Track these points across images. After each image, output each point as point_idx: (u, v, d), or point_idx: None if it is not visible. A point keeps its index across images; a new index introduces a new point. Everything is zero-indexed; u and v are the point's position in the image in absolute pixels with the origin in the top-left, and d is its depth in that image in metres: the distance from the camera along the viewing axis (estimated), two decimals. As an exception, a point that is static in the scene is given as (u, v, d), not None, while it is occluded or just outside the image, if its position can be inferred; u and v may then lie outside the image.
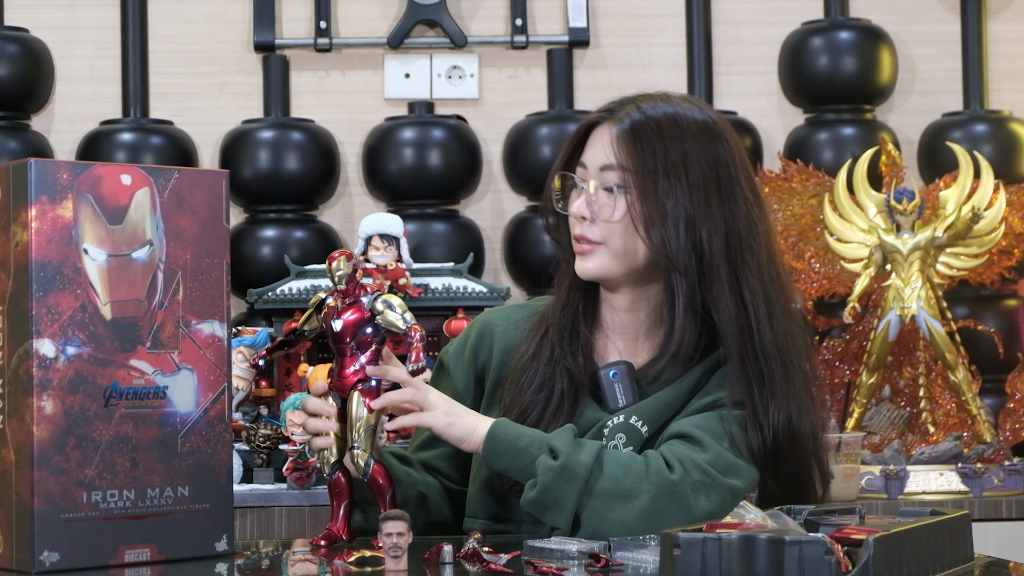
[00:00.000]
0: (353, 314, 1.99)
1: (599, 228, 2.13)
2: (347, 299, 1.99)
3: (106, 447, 1.83)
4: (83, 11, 3.97)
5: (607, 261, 2.14)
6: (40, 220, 1.80)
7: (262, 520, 3.11)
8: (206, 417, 1.90)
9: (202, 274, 1.91)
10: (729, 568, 1.54)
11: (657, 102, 2.14)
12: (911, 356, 3.54)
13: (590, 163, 2.15)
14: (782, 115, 4.01)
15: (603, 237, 2.13)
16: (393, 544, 1.74)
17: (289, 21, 4.00)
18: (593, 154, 2.15)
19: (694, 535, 1.56)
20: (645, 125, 2.11)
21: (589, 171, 2.15)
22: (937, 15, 4.03)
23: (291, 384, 3.38)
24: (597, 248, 2.14)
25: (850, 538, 1.58)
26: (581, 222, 2.14)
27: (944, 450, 3.35)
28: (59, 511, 1.80)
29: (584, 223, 2.14)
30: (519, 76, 4.02)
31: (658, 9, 4.03)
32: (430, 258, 3.74)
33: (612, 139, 2.12)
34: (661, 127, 2.11)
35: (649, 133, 2.10)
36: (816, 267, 3.60)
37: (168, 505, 1.87)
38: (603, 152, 2.13)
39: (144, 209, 1.87)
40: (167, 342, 1.88)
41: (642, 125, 2.11)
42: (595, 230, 2.13)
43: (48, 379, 1.79)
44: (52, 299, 1.80)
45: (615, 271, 2.14)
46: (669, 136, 2.11)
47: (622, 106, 2.15)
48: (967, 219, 3.40)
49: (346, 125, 3.96)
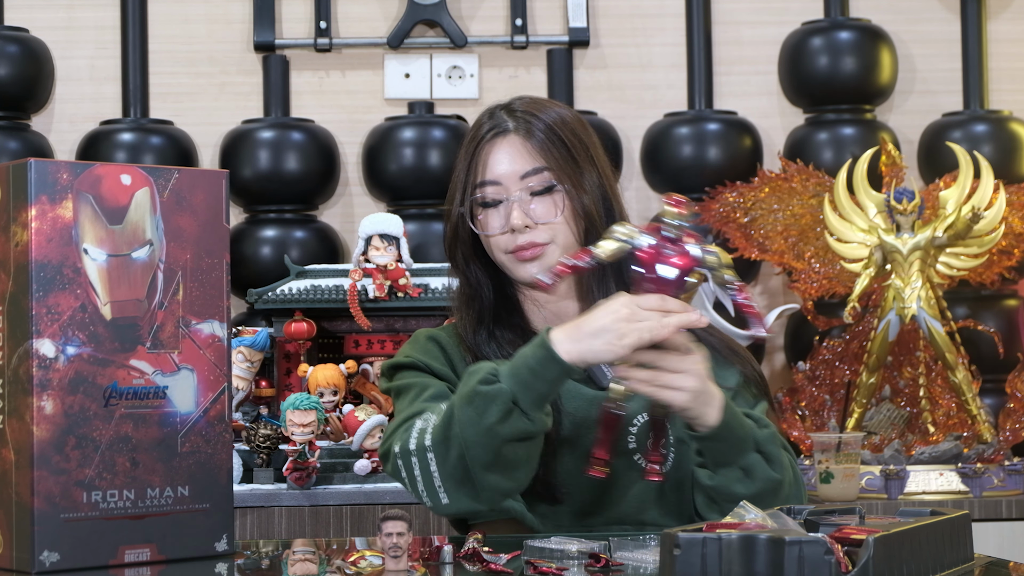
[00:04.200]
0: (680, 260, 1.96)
1: (543, 231, 2.19)
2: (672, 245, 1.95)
3: (106, 447, 1.83)
4: (83, 11, 3.97)
5: (556, 256, 2.18)
6: (40, 220, 1.80)
7: (262, 520, 3.11)
8: (206, 417, 1.90)
9: (202, 274, 1.91)
10: (729, 568, 1.54)
11: (531, 104, 2.25)
12: (911, 356, 3.54)
13: (505, 177, 2.20)
14: (782, 115, 4.01)
15: (550, 237, 2.20)
16: (393, 544, 1.74)
17: (289, 21, 4.00)
18: (507, 167, 2.20)
19: (694, 535, 1.56)
20: (550, 127, 2.21)
21: (506, 185, 2.20)
22: (937, 15, 4.03)
23: (291, 384, 3.38)
24: (545, 249, 2.19)
25: (850, 538, 1.58)
26: (522, 232, 2.18)
27: (944, 450, 3.35)
28: (59, 511, 1.80)
29: (526, 232, 2.18)
30: (519, 76, 4.02)
31: (658, 9, 4.03)
32: (430, 258, 3.74)
33: (527, 147, 2.20)
34: (562, 124, 2.22)
35: (557, 132, 2.21)
36: (816, 267, 3.60)
37: (168, 505, 1.87)
38: (519, 162, 2.20)
39: (144, 209, 1.87)
40: (167, 342, 1.88)
41: (548, 127, 2.21)
42: (540, 234, 2.19)
43: (48, 379, 1.79)
44: (52, 299, 1.80)
45: None
46: (569, 130, 2.22)
47: (507, 119, 2.22)
48: (967, 219, 3.40)
49: (346, 125, 3.96)
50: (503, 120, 2.23)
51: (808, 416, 3.54)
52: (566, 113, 2.25)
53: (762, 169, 3.76)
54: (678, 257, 1.97)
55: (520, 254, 2.19)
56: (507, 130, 2.21)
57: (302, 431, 3.14)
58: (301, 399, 3.15)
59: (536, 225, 2.19)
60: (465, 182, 2.23)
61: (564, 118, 2.24)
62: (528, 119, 2.22)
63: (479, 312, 2.24)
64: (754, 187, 3.68)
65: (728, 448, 2.04)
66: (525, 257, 2.19)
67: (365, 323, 3.30)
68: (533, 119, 2.22)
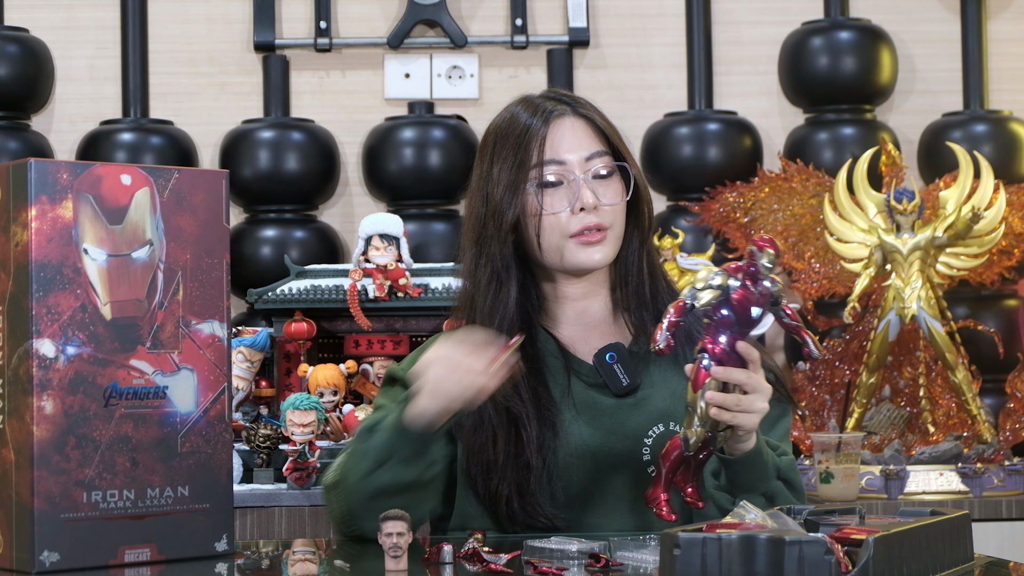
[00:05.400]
0: (761, 297, 1.94)
1: (607, 214, 2.19)
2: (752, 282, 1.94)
3: (106, 447, 1.83)
4: (83, 11, 3.97)
5: (615, 244, 2.21)
6: (40, 220, 1.80)
7: (262, 520, 3.12)
8: (206, 417, 1.90)
9: (202, 274, 1.91)
10: (729, 568, 1.54)
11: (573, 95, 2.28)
12: (911, 356, 3.54)
13: (572, 158, 2.18)
14: (782, 115, 4.01)
15: (610, 222, 2.20)
16: (393, 544, 1.74)
17: (289, 21, 4.00)
18: (572, 148, 2.19)
19: (694, 535, 1.56)
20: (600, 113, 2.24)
21: (570, 165, 2.18)
22: (937, 15, 4.03)
23: (291, 384, 3.38)
24: (606, 234, 2.19)
25: (850, 538, 1.58)
26: (591, 212, 2.17)
27: (944, 450, 3.35)
28: (59, 511, 1.80)
29: (593, 213, 2.17)
30: (519, 76, 4.02)
31: (658, 9, 4.03)
32: (430, 258, 3.74)
33: (586, 131, 2.21)
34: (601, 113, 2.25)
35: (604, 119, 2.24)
36: (816, 267, 3.60)
37: (168, 505, 1.87)
38: (585, 143, 2.20)
39: (144, 209, 1.87)
40: (167, 342, 1.88)
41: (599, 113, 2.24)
42: (605, 216, 2.19)
43: (48, 379, 1.79)
44: (52, 299, 1.80)
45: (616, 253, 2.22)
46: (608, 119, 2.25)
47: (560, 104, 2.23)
48: (967, 219, 3.40)
49: (346, 125, 3.96)
50: (557, 105, 2.21)
51: (808, 416, 3.54)
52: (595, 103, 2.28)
53: (762, 169, 3.76)
54: (759, 294, 1.95)
55: (586, 237, 2.17)
56: (566, 113, 2.20)
57: (302, 431, 3.14)
58: (301, 399, 3.15)
59: (600, 208, 2.18)
60: (518, 164, 2.18)
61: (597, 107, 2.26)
62: (583, 105, 2.23)
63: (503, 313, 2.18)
64: (754, 187, 3.68)
65: (755, 474, 2.04)
66: (592, 240, 2.18)
67: (365, 323, 3.30)
68: (587, 106, 2.23)
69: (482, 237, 2.22)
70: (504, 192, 2.18)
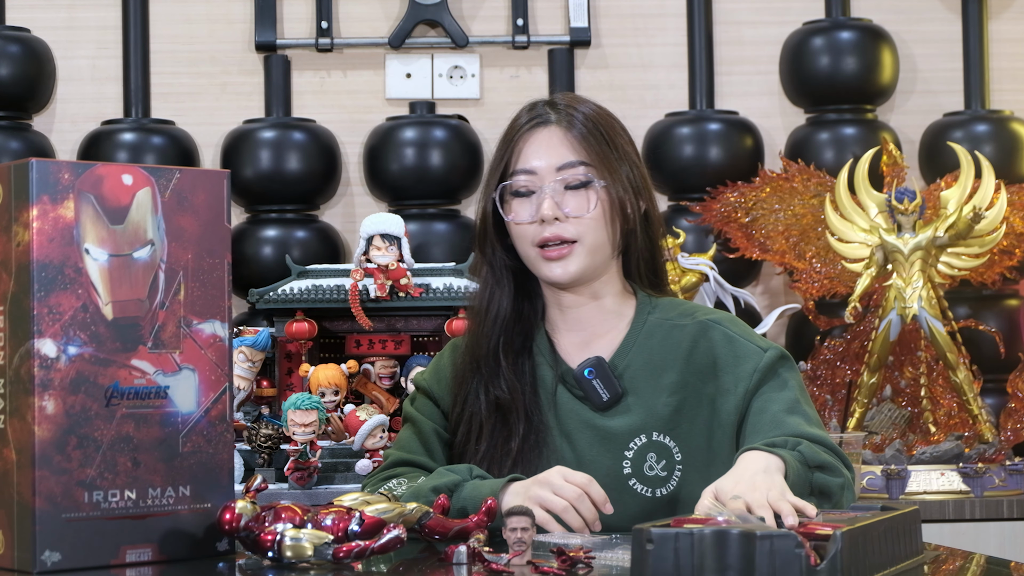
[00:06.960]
0: None
1: (572, 226, 2.16)
2: None
3: (107, 447, 1.83)
4: (84, 11, 3.97)
5: (584, 258, 2.18)
6: (41, 220, 1.80)
7: (263, 520, 3.11)
8: (207, 417, 1.90)
9: (203, 274, 1.91)
10: (702, 562, 1.55)
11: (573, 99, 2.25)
12: (912, 356, 3.54)
13: (542, 167, 2.17)
14: (783, 115, 4.01)
15: (577, 234, 2.16)
16: (518, 539, 1.75)
17: (290, 21, 4.00)
18: (543, 157, 2.17)
19: (666, 530, 1.57)
20: (590, 119, 2.19)
21: (540, 175, 2.17)
22: (938, 15, 4.03)
23: (292, 384, 3.38)
24: (572, 248, 2.17)
25: (815, 532, 1.60)
26: (551, 224, 2.16)
27: (945, 450, 3.35)
28: (60, 511, 1.80)
29: (554, 224, 2.16)
30: (520, 76, 4.02)
31: (659, 9, 4.03)
32: (431, 258, 3.74)
33: (567, 139, 2.18)
34: (600, 120, 2.21)
35: (597, 124, 2.19)
36: (817, 267, 3.60)
37: (169, 505, 1.87)
38: (557, 153, 2.17)
39: (145, 209, 1.87)
40: (168, 342, 1.88)
41: (587, 119, 2.19)
42: (568, 228, 2.16)
43: (49, 379, 1.80)
44: (53, 299, 1.80)
45: (590, 266, 2.19)
46: (607, 127, 2.21)
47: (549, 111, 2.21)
48: (968, 219, 3.40)
49: (347, 125, 3.96)
50: (544, 111, 2.20)
51: (809, 416, 3.53)
52: (602, 109, 2.24)
53: (763, 169, 3.76)
54: None
55: (547, 251, 2.17)
56: (548, 121, 2.20)
57: (303, 431, 3.14)
58: (302, 399, 3.15)
59: (566, 219, 2.16)
60: (498, 171, 2.20)
61: (601, 112, 2.23)
62: (570, 111, 2.20)
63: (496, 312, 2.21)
64: (755, 187, 3.68)
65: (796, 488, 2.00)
66: (551, 256, 2.16)
67: (366, 323, 3.30)
68: (574, 111, 2.20)
69: (481, 238, 2.24)
70: (488, 195, 2.22)
